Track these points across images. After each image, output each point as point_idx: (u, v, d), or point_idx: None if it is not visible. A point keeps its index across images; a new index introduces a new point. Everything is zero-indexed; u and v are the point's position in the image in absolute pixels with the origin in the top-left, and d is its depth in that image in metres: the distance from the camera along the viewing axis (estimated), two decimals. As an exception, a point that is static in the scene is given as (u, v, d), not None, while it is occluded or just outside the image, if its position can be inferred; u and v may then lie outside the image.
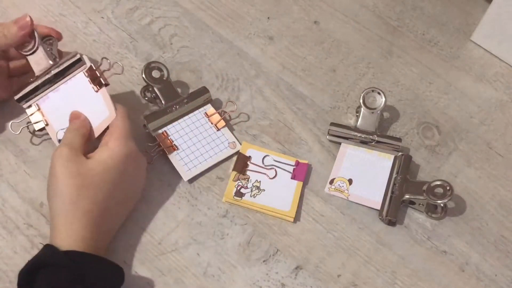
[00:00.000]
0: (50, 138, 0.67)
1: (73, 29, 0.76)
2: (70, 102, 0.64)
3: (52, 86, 0.65)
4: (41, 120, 0.66)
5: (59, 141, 0.64)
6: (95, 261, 0.55)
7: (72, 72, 0.64)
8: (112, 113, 0.62)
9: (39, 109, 0.66)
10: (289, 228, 0.65)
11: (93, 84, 0.63)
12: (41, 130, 0.66)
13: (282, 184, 0.67)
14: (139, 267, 0.61)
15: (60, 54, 0.69)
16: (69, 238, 0.55)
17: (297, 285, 0.62)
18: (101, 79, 0.63)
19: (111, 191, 0.58)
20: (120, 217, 0.61)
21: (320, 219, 0.66)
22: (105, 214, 0.58)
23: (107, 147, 0.59)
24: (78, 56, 0.64)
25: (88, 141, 0.62)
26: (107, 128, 0.62)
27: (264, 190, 0.67)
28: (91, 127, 0.63)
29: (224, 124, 0.70)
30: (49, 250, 0.55)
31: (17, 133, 0.66)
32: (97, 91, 0.63)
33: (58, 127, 0.65)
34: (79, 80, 0.64)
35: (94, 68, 0.63)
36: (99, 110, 0.63)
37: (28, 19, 0.63)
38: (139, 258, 0.61)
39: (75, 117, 0.63)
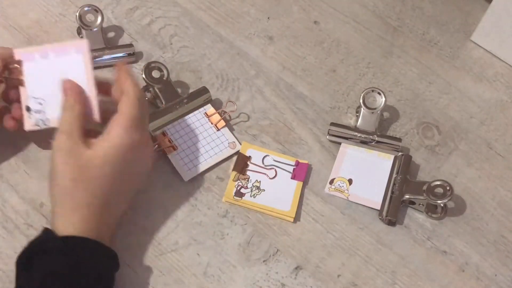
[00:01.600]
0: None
1: (73, 29, 0.76)
2: (56, 77, 0.59)
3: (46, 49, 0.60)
4: (16, 78, 0.60)
5: (27, 108, 0.60)
6: (91, 247, 0.55)
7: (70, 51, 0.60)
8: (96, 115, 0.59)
9: (19, 65, 0.60)
10: (289, 228, 0.65)
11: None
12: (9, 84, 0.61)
13: (282, 184, 0.67)
14: (139, 267, 0.61)
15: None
16: (69, 227, 0.55)
17: (297, 285, 0.62)
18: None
19: (112, 184, 0.57)
20: (121, 207, 0.60)
21: (320, 219, 0.66)
22: (105, 206, 0.57)
23: (108, 136, 0.56)
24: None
25: (87, 119, 0.59)
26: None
27: (264, 190, 0.67)
28: (89, 103, 0.59)
29: (224, 124, 0.70)
30: (47, 235, 0.54)
31: None
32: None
33: (31, 93, 0.60)
34: (74, 61, 0.59)
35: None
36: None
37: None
38: (139, 258, 0.61)
39: (69, 88, 0.58)
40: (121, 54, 0.73)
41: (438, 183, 0.64)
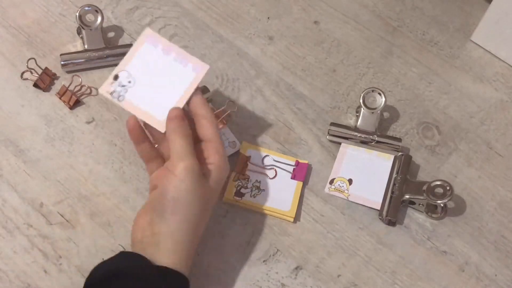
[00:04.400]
0: (50, 138, 0.67)
1: (73, 29, 0.76)
2: (161, 75, 0.60)
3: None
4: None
5: (115, 76, 0.59)
6: (180, 280, 0.54)
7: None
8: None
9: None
10: (289, 228, 0.65)
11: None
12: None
13: (282, 184, 0.67)
14: (139, 267, 0.61)
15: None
16: (168, 257, 0.54)
17: (297, 285, 0.62)
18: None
19: (204, 219, 0.58)
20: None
21: (320, 219, 0.66)
22: (197, 243, 0.58)
23: (217, 166, 0.57)
24: None
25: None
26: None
27: (264, 190, 0.67)
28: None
29: (225, 123, 0.70)
30: (141, 261, 0.52)
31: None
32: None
33: (129, 68, 0.60)
34: (185, 75, 0.60)
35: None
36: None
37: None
38: (139, 258, 0.61)
39: (176, 116, 0.58)
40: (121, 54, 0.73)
41: (438, 183, 0.64)
